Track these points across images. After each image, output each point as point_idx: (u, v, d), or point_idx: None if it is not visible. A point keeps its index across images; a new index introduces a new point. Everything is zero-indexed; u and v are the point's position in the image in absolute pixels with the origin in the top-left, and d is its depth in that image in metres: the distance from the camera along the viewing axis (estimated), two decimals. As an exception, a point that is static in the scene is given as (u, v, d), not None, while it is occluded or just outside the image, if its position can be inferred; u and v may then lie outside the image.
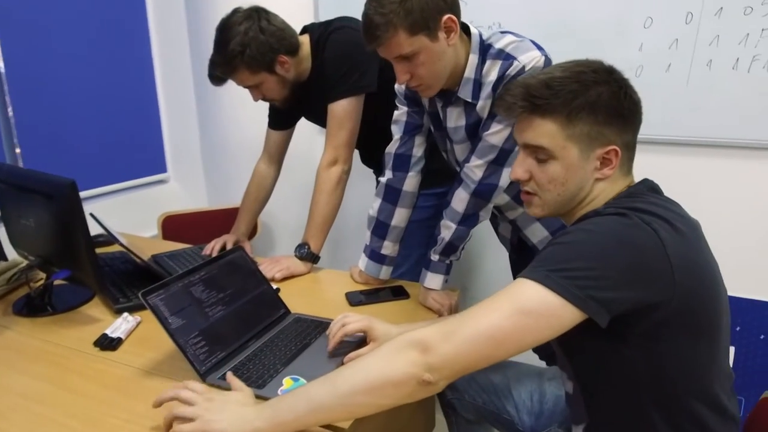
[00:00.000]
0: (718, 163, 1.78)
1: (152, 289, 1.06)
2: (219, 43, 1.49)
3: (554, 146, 0.87)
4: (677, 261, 0.79)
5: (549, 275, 0.78)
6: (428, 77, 1.22)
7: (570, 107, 0.85)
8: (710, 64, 1.71)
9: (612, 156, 0.88)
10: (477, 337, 0.79)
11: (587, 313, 0.77)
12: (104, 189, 2.32)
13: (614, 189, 0.91)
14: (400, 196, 1.45)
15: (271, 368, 1.06)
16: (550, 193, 0.91)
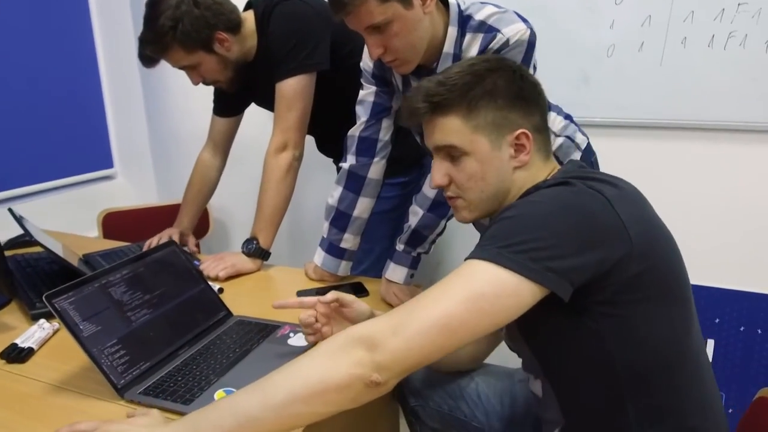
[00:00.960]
0: (694, 147, 1.69)
1: (60, 290, 0.90)
2: (148, 19, 1.34)
3: (463, 141, 0.85)
4: (627, 217, 0.75)
5: (500, 252, 0.72)
6: (404, 50, 1.11)
7: (468, 98, 0.84)
8: (685, 41, 1.62)
9: (523, 140, 0.86)
10: (429, 328, 0.71)
11: (548, 287, 0.71)
12: (41, 186, 2.13)
13: (536, 176, 0.88)
14: (364, 183, 1.32)
15: (203, 380, 0.92)
16: (473, 191, 0.88)
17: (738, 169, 1.66)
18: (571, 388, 0.83)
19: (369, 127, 1.32)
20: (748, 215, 1.65)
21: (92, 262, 1.44)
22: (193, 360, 0.98)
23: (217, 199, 2.22)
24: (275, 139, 1.42)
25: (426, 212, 1.22)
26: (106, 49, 2.32)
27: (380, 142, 1.32)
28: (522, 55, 1.10)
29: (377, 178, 1.34)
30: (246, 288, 1.35)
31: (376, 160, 1.33)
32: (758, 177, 1.65)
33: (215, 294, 1.16)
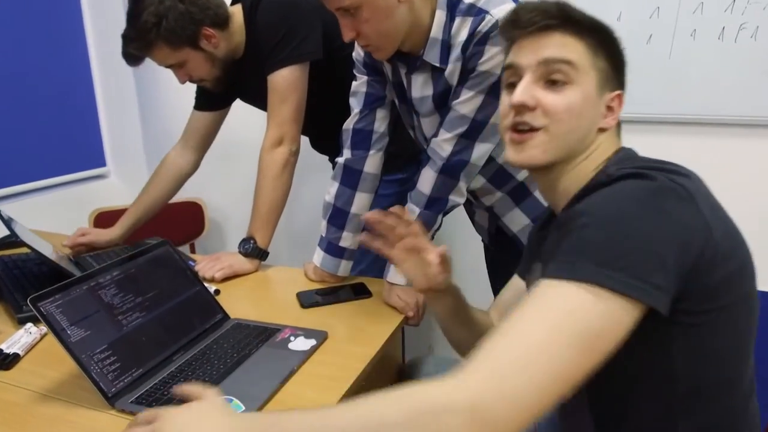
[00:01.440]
0: (703, 142, 1.65)
1: (46, 293, 0.85)
2: (131, 15, 1.27)
3: (581, 66, 0.74)
4: (709, 215, 0.68)
5: (599, 271, 0.61)
6: (375, 37, 1.06)
7: (598, 37, 0.75)
8: (694, 34, 1.58)
9: (616, 104, 0.78)
10: (549, 385, 0.59)
11: (654, 305, 0.62)
12: (33, 185, 2.07)
13: (610, 147, 0.79)
14: (361, 178, 1.27)
15: (199, 387, 0.86)
16: (563, 124, 0.75)
17: (749, 165, 1.62)
18: (615, 403, 0.74)
19: (363, 119, 1.26)
20: (758, 211, 1.61)
21: (83, 263, 1.38)
22: (189, 366, 0.92)
23: (213, 199, 2.17)
24: (270, 133, 1.36)
25: (423, 210, 1.16)
26: (98, 47, 2.26)
27: (375, 134, 1.27)
28: None
29: (374, 172, 1.29)
30: (243, 290, 1.30)
31: (372, 153, 1.27)
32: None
33: (211, 296, 1.11)
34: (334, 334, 1.05)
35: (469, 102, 1.08)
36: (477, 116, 1.09)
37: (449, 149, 1.11)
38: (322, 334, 1.03)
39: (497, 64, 1.05)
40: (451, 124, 1.11)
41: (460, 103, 1.09)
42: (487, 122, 1.10)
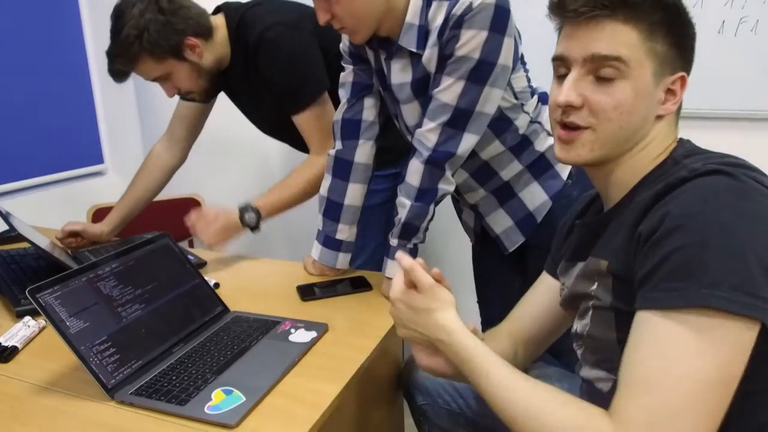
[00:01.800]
0: (704, 137, 1.63)
1: (45, 284, 0.84)
2: (113, 32, 1.27)
3: (634, 60, 0.69)
4: None
5: (712, 292, 0.59)
6: (348, 19, 1.07)
7: (654, 18, 0.70)
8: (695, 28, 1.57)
9: (678, 87, 0.73)
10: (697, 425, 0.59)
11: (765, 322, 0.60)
12: (31, 182, 2.06)
13: (669, 135, 0.75)
14: (352, 168, 1.26)
15: (199, 379, 0.86)
16: (611, 124, 0.71)
17: (750, 159, 1.61)
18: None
19: (351, 108, 1.26)
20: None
21: (81, 257, 1.38)
22: (189, 358, 0.92)
23: (211, 195, 2.16)
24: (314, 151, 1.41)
25: (414, 202, 1.14)
26: (96, 44, 2.25)
27: (364, 123, 1.26)
28: (489, 20, 1.01)
29: (365, 162, 1.28)
30: (243, 283, 1.30)
31: (362, 142, 1.26)
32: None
33: (211, 289, 1.10)
34: (334, 326, 1.04)
35: (450, 89, 1.06)
36: (459, 104, 1.07)
37: (434, 139, 1.10)
38: (323, 326, 1.03)
39: (475, 47, 1.03)
40: (434, 114, 1.09)
41: (441, 91, 1.07)
42: (471, 110, 1.07)
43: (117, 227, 1.60)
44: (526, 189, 1.25)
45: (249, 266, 1.41)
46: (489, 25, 1.01)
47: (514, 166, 1.23)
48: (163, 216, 1.99)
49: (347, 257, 1.31)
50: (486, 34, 1.01)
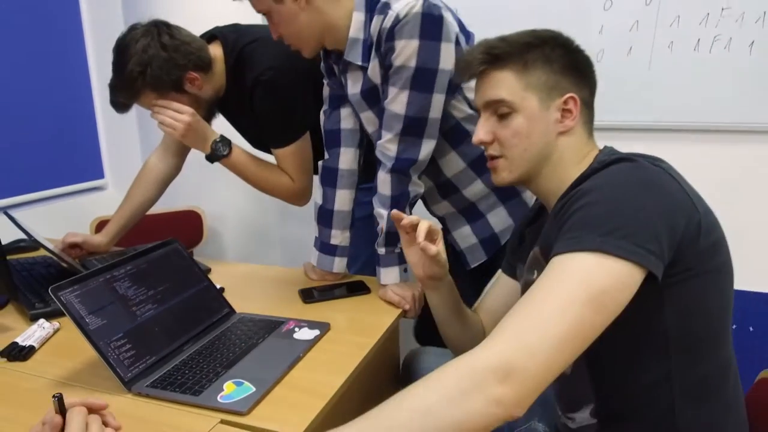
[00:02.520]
0: (683, 148, 1.73)
1: (66, 283, 0.90)
2: (116, 66, 1.31)
3: (514, 97, 0.85)
4: (689, 190, 0.78)
5: (605, 240, 0.69)
6: (291, 38, 1.18)
7: (526, 57, 0.85)
8: (671, 45, 1.67)
9: (571, 105, 0.85)
10: (565, 340, 0.66)
11: (651, 269, 0.70)
12: (30, 196, 2.11)
13: (579, 147, 0.88)
14: (338, 176, 1.33)
15: (211, 372, 0.91)
16: (516, 148, 0.87)
17: (724, 168, 1.70)
18: (613, 365, 0.81)
19: (329, 119, 1.33)
20: (732, 213, 1.68)
21: (88, 265, 1.43)
22: (199, 354, 0.97)
23: (211, 207, 2.21)
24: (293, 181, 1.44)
25: (390, 210, 1.19)
26: (98, 61, 2.32)
27: (343, 131, 1.32)
28: (418, 29, 1.06)
29: (349, 168, 1.34)
30: (247, 287, 1.35)
31: (344, 150, 1.33)
32: (743, 175, 1.69)
33: (218, 291, 1.16)
34: (336, 325, 1.10)
35: (397, 99, 1.13)
36: (409, 112, 1.13)
37: (395, 149, 1.16)
38: (325, 325, 1.08)
39: (409, 56, 1.08)
40: (389, 125, 1.16)
41: (390, 102, 1.14)
42: (423, 117, 1.14)
43: (114, 238, 1.64)
44: (493, 211, 1.31)
45: (251, 272, 1.47)
46: (419, 34, 1.07)
47: (477, 186, 1.29)
48: (164, 228, 2.05)
49: (343, 261, 1.37)
50: (417, 43, 1.07)
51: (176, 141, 1.63)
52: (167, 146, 1.66)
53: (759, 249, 1.71)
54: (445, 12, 1.10)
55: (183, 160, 1.69)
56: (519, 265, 1.03)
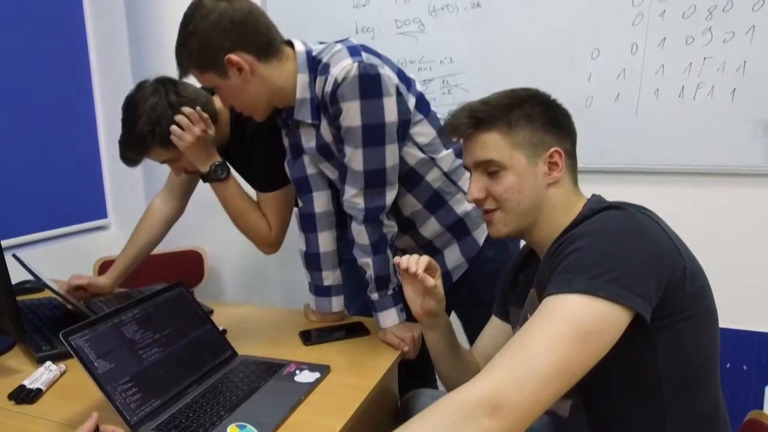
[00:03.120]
0: (669, 190, 1.79)
1: (76, 328, 0.93)
2: (126, 124, 1.36)
3: (502, 156, 0.91)
4: (674, 237, 0.82)
5: (592, 283, 0.74)
6: (242, 107, 1.25)
7: (509, 118, 0.91)
8: (657, 92, 1.74)
9: (557, 158, 0.92)
10: (552, 376, 0.70)
11: (639, 311, 0.74)
12: (35, 236, 2.15)
13: (568, 197, 0.94)
14: (316, 219, 1.37)
15: (214, 415, 0.94)
16: (509, 202, 0.92)
17: (710, 210, 1.75)
18: (610, 407, 0.85)
19: (295, 167, 1.37)
20: (719, 254, 1.73)
21: (94, 307, 1.45)
22: (203, 397, 1.00)
23: (211, 248, 2.25)
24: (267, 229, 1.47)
25: (373, 256, 1.25)
26: (105, 103, 2.39)
27: (310, 177, 1.36)
28: (357, 89, 1.13)
29: (325, 210, 1.38)
30: (249, 329, 1.38)
31: (316, 194, 1.37)
32: (727, 217, 1.75)
33: (221, 334, 1.19)
34: (336, 368, 1.13)
35: (354, 158, 1.19)
36: (367, 167, 1.19)
37: (362, 203, 1.22)
38: (325, 368, 1.11)
39: (354, 116, 1.15)
40: (352, 181, 1.22)
41: (348, 160, 1.20)
42: (381, 168, 1.20)
43: (119, 279, 1.67)
44: (448, 249, 1.37)
45: (252, 313, 1.50)
46: (358, 94, 1.13)
47: (433, 224, 1.35)
48: (166, 268, 2.08)
49: (340, 299, 1.40)
50: (359, 103, 1.14)
51: (179, 183, 1.69)
52: (171, 189, 1.70)
53: (753, 288, 1.75)
54: (382, 68, 1.16)
55: (186, 202, 1.73)
56: (512, 309, 1.07)
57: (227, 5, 1.14)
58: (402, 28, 1.98)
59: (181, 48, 1.17)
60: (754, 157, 1.67)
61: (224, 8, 1.13)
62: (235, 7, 1.14)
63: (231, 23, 1.13)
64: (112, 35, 2.32)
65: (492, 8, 1.86)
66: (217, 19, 1.13)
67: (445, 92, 1.97)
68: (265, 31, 1.18)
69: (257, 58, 1.17)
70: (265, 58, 1.18)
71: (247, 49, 1.16)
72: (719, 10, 1.64)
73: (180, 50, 1.18)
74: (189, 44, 1.15)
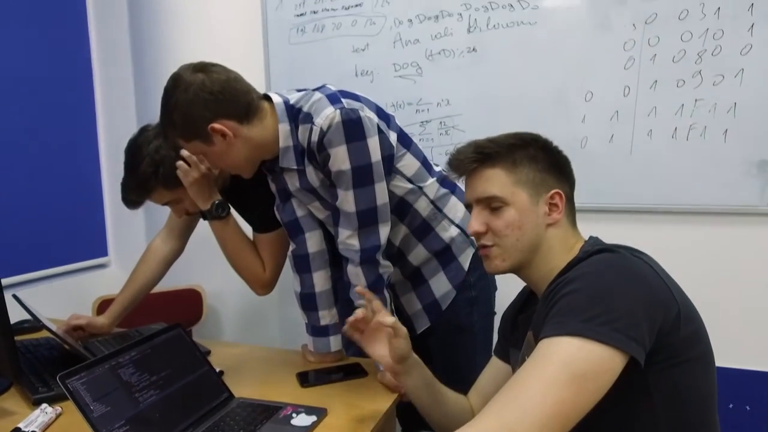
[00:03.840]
0: (663, 229, 1.80)
1: (73, 371, 0.93)
2: (129, 166, 1.39)
3: (505, 192, 0.93)
4: (668, 281, 0.83)
5: (586, 326, 0.75)
6: (229, 168, 1.30)
7: (513, 156, 0.94)
8: (650, 133, 1.77)
9: (557, 200, 0.94)
10: (546, 421, 0.70)
11: (633, 355, 0.75)
12: (35, 275, 2.15)
13: (566, 238, 0.95)
14: (309, 260, 1.39)
15: (210, 460, 0.93)
16: (509, 238, 0.93)
17: (706, 249, 1.76)
18: None
19: (285, 211, 1.40)
20: (717, 292, 1.73)
21: (92, 348, 1.45)
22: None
23: (210, 286, 2.25)
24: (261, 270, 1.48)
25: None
26: (108, 142, 2.43)
27: (301, 219, 1.38)
28: (342, 135, 1.18)
29: (319, 249, 1.39)
30: (246, 371, 1.37)
31: (308, 235, 1.39)
32: (724, 256, 1.75)
33: (217, 376, 1.19)
34: (333, 410, 1.12)
35: (346, 200, 1.23)
36: (359, 208, 1.23)
37: (357, 244, 1.25)
38: (322, 411, 1.11)
39: (343, 160, 1.19)
40: (345, 222, 1.25)
41: (340, 203, 1.24)
42: (373, 207, 1.24)
43: (117, 319, 1.67)
44: (435, 277, 1.39)
45: (250, 354, 1.49)
46: (344, 139, 1.18)
47: (420, 251, 1.38)
48: (164, 306, 2.08)
49: (338, 338, 1.40)
50: (345, 147, 1.19)
51: (180, 223, 1.71)
52: (171, 229, 1.71)
53: (754, 327, 1.75)
54: (362, 110, 1.21)
55: (185, 242, 1.74)
56: (512, 350, 1.08)
57: (204, 77, 1.18)
58: (400, 71, 2.03)
59: (165, 121, 1.22)
60: (749, 196, 1.69)
61: (202, 80, 1.18)
62: (213, 78, 1.19)
63: (210, 94, 1.18)
64: (118, 78, 2.38)
65: (487, 52, 1.92)
66: (197, 92, 1.17)
67: (442, 133, 2.01)
68: (243, 95, 1.22)
69: (239, 122, 1.21)
70: (247, 120, 1.22)
71: (228, 116, 1.20)
72: (708, 54, 1.69)
73: (164, 123, 1.23)
74: (172, 117, 1.20)
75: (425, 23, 1.98)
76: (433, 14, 1.97)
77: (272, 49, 2.19)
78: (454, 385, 1.15)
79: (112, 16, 2.37)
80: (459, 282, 1.38)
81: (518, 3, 1.86)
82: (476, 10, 1.91)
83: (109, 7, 2.38)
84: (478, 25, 1.92)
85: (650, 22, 1.72)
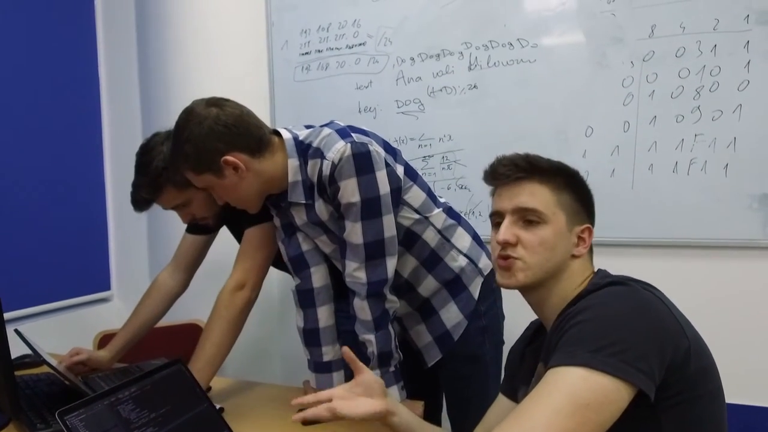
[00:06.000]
0: (665, 263, 1.80)
1: (72, 407, 0.93)
2: (140, 165, 1.42)
3: (548, 210, 0.91)
4: (678, 315, 0.83)
5: (593, 356, 0.74)
6: (236, 202, 1.30)
7: (560, 179, 0.94)
8: (651, 168, 1.78)
9: (586, 235, 0.94)
10: None
11: (641, 387, 0.74)
12: (38, 309, 2.15)
13: (584, 272, 0.94)
14: (314, 294, 1.38)
15: (208, 499, 0.91)
16: (539, 256, 0.91)
17: (706, 284, 1.75)
18: None
19: (290, 246, 1.40)
20: (723, 327, 1.71)
21: (92, 383, 1.44)
22: (197, 480, 0.98)
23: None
24: (235, 275, 1.41)
25: (376, 333, 1.26)
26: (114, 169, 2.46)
27: (306, 254, 1.39)
28: (353, 168, 1.20)
29: (323, 284, 1.40)
30: (246, 408, 1.36)
31: (314, 269, 1.39)
32: (727, 290, 1.74)
33: (218, 413, 1.17)
34: (335, 449, 1.10)
35: (353, 232, 1.24)
36: (367, 240, 1.24)
37: (364, 277, 1.25)
38: (324, 448, 1.09)
39: (352, 192, 1.21)
40: (352, 255, 1.26)
41: (348, 235, 1.25)
42: (380, 239, 1.24)
43: (119, 353, 1.66)
44: (445, 307, 1.38)
45: (250, 390, 1.48)
46: (354, 172, 1.20)
47: (430, 282, 1.38)
48: (165, 341, 2.06)
49: (341, 374, 1.39)
50: (355, 179, 1.21)
51: (186, 259, 1.71)
52: (178, 263, 1.72)
53: (763, 362, 1.72)
54: (371, 144, 1.23)
55: (191, 276, 1.75)
56: (522, 387, 1.05)
57: (218, 111, 1.21)
58: (402, 107, 2.07)
59: (176, 153, 1.24)
60: (750, 230, 1.69)
61: (216, 113, 1.21)
62: (227, 112, 1.22)
63: (225, 127, 1.20)
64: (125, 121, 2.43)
65: (488, 89, 1.95)
66: (211, 125, 1.20)
67: (444, 167, 2.03)
68: (256, 129, 1.25)
69: (251, 155, 1.23)
70: (259, 154, 1.24)
71: (241, 149, 1.22)
72: (706, 90, 1.71)
73: (175, 155, 1.24)
74: (184, 150, 1.21)
75: (427, 61, 2.03)
76: (435, 53, 2.02)
77: (278, 86, 2.24)
78: (465, 418, 1.14)
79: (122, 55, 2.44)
80: (470, 311, 1.38)
81: (518, 42, 1.91)
82: (477, 49, 1.96)
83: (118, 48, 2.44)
84: (478, 62, 1.96)
85: (648, 59, 1.76)
